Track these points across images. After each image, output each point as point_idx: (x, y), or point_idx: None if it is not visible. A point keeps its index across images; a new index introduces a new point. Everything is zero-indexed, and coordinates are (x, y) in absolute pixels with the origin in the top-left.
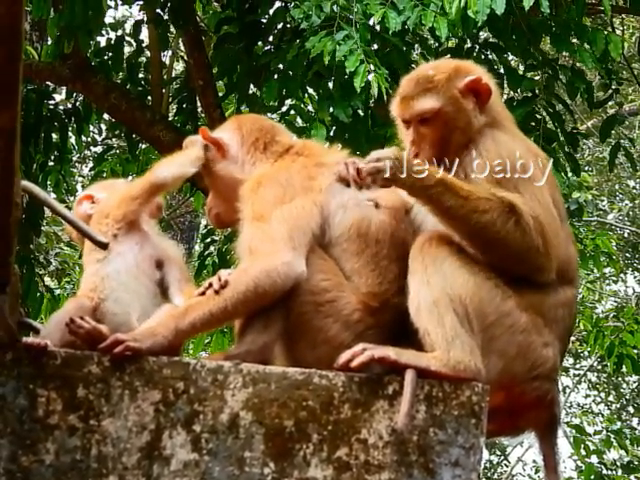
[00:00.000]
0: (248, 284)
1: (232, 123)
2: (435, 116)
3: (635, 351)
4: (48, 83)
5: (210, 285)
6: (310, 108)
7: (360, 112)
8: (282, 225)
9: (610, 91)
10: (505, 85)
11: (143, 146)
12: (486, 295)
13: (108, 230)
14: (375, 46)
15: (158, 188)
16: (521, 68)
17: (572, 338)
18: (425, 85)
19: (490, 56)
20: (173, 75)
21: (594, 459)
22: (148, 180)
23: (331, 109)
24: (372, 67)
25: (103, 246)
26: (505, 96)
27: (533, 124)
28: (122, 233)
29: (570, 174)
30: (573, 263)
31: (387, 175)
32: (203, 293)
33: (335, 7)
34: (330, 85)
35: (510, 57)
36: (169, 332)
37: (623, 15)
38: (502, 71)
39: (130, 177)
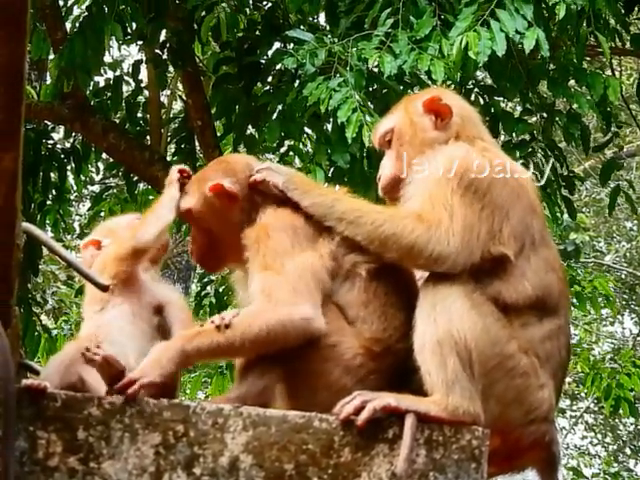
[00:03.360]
0: (261, 328)
1: (225, 166)
2: (392, 135)
3: (632, 393)
4: (47, 122)
5: (222, 319)
6: (309, 149)
7: (357, 155)
8: (300, 277)
9: (609, 135)
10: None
11: (141, 186)
12: (492, 339)
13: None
14: (372, 88)
15: (143, 252)
16: (517, 110)
17: (569, 379)
18: (389, 111)
19: (486, 98)
20: (172, 115)
21: None
22: (131, 245)
23: (328, 151)
24: (365, 116)
25: (103, 288)
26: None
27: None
28: (118, 287)
29: (566, 216)
30: (553, 292)
31: (274, 182)
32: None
33: (330, 53)
34: (328, 127)
35: (506, 101)
36: (175, 353)
37: (621, 57)
38: (497, 114)
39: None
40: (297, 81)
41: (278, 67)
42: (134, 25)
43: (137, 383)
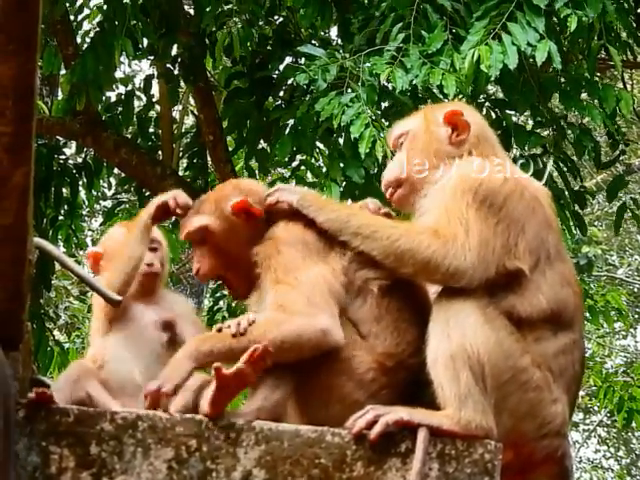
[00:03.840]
0: (276, 336)
1: (242, 187)
2: (407, 136)
3: None
4: (59, 138)
5: (238, 325)
6: (320, 163)
7: (370, 170)
8: (314, 288)
9: (617, 152)
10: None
11: None
12: (505, 352)
13: (108, 313)
14: (384, 103)
15: (124, 288)
16: (529, 124)
17: (582, 393)
18: (408, 116)
19: (497, 112)
20: (183, 130)
21: None
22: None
23: (341, 165)
24: (378, 131)
25: (115, 303)
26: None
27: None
28: (118, 317)
29: (576, 231)
30: (569, 306)
31: (288, 201)
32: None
33: (342, 68)
34: (340, 142)
35: (518, 115)
36: (189, 354)
37: (633, 70)
38: (509, 127)
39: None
40: (309, 96)
41: (290, 82)
42: (145, 40)
43: (162, 392)
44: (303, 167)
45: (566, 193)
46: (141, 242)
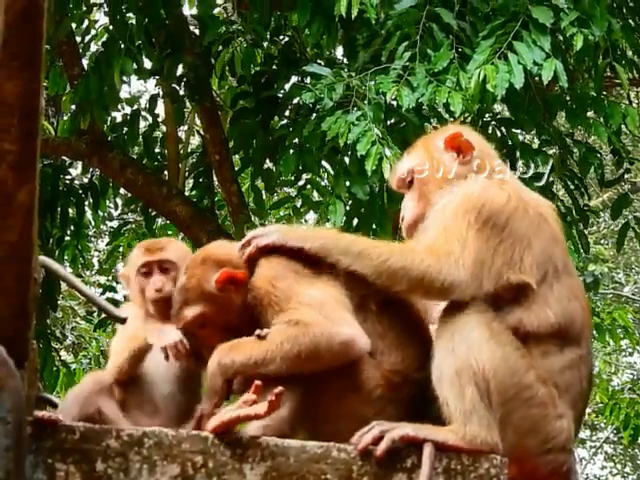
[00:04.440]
0: (293, 346)
1: (212, 259)
2: (413, 174)
3: None
4: (64, 158)
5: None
6: (326, 182)
7: (376, 188)
8: (323, 303)
9: (622, 170)
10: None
11: (159, 221)
12: (511, 368)
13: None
14: (390, 121)
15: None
16: (535, 142)
17: (588, 410)
18: (407, 152)
19: (503, 131)
20: (189, 150)
21: None
22: (113, 379)
23: (347, 183)
24: (385, 149)
25: (121, 321)
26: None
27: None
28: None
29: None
30: (576, 321)
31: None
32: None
33: (348, 87)
34: (346, 160)
35: (524, 133)
36: (214, 368)
37: (639, 89)
38: (515, 145)
39: None
40: (315, 115)
41: (295, 101)
42: (149, 60)
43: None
44: (309, 186)
45: (573, 211)
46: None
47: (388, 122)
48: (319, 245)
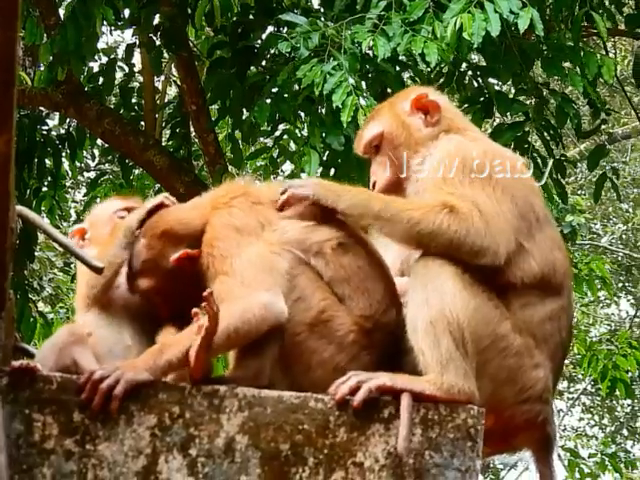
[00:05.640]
0: (221, 326)
1: (168, 236)
2: (382, 140)
3: (628, 375)
4: (41, 109)
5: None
6: (305, 133)
7: (352, 137)
8: (247, 271)
9: (598, 121)
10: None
11: (137, 171)
12: (484, 318)
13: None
14: (367, 71)
15: (98, 297)
16: (512, 92)
17: (566, 361)
18: (370, 117)
19: (480, 80)
20: (166, 100)
21: None
22: (85, 294)
23: (323, 135)
24: (360, 100)
25: (98, 271)
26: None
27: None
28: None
29: (557, 199)
30: (558, 270)
31: (306, 194)
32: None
33: (324, 37)
34: (322, 110)
35: (500, 83)
36: (147, 370)
37: (616, 38)
38: (491, 95)
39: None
40: (290, 64)
41: (272, 51)
42: (127, 10)
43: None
44: (286, 136)
45: (549, 161)
46: (125, 247)
47: (365, 73)
48: (352, 209)
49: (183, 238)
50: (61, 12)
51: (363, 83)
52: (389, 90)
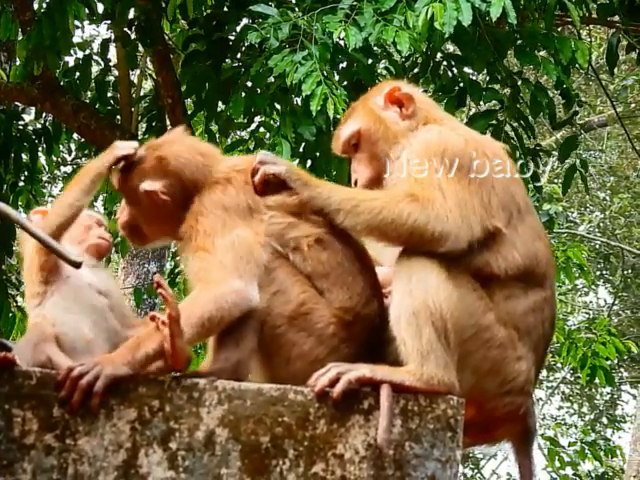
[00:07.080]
0: (197, 314)
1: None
2: (359, 137)
3: (608, 362)
4: (17, 103)
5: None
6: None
7: (323, 128)
8: (228, 252)
9: (571, 111)
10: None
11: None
12: (468, 309)
13: (39, 278)
14: (339, 62)
15: (57, 234)
16: (487, 81)
17: None
18: (346, 116)
19: (454, 71)
20: (142, 93)
21: (569, 471)
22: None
23: (294, 125)
24: (330, 89)
25: (76, 265)
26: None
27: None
28: (50, 275)
29: (532, 188)
30: (541, 261)
31: (277, 172)
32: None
33: (295, 27)
34: (298, 100)
35: (474, 72)
36: (126, 361)
37: (590, 26)
38: (465, 84)
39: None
40: (262, 55)
41: (247, 43)
42: (101, 5)
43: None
44: (262, 129)
45: (519, 151)
46: (89, 192)
47: (338, 64)
48: (314, 199)
49: (168, 174)
50: (35, 7)
51: (335, 73)
52: (362, 81)
